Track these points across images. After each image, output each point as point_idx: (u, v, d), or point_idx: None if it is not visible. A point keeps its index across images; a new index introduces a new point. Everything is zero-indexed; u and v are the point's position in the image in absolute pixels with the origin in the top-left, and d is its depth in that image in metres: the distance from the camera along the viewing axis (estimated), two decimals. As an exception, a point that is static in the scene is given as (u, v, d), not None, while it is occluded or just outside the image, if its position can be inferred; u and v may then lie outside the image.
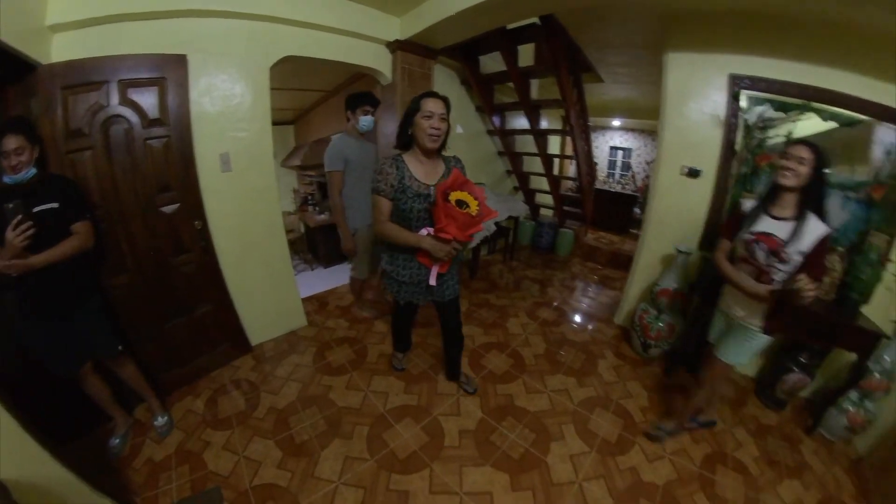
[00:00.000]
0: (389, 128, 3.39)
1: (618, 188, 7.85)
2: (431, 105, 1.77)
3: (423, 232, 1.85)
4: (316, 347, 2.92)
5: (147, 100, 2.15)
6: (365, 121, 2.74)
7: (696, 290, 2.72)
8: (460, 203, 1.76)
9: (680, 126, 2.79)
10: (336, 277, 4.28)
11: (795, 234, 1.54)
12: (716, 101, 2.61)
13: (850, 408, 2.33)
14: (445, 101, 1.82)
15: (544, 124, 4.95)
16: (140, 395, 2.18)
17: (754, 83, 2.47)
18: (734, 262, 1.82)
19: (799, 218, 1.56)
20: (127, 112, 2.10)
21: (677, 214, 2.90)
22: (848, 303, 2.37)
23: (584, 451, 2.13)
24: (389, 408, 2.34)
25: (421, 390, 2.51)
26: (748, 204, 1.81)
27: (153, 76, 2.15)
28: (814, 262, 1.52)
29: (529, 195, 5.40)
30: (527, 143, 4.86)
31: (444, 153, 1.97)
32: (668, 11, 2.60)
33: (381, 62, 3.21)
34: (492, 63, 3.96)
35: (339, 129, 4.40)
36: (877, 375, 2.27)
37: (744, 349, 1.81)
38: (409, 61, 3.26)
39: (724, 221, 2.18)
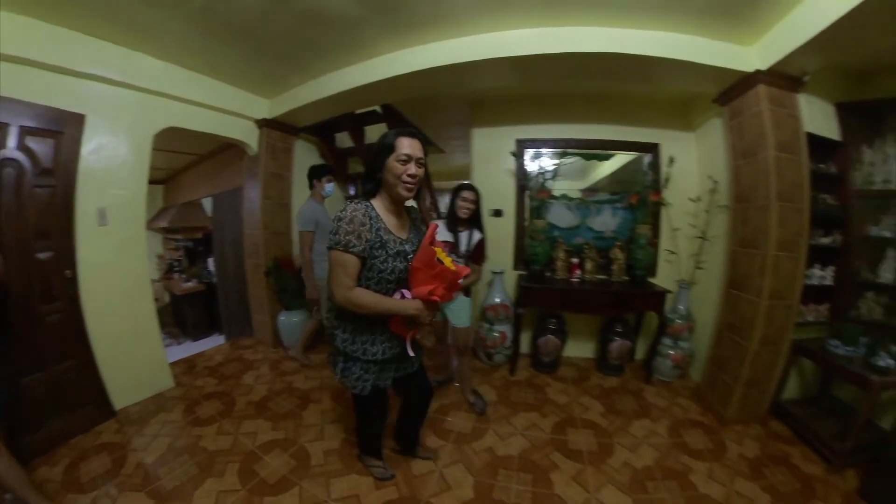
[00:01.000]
0: (253, 194, 3.72)
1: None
2: (409, 146, 1.49)
3: (397, 296, 1.57)
4: (185, 405, 2.79)
5: (43, 149, 2.28)
6: (329, 187, 3.25)
7: (523, 303, 3.28)
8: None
9: (485, 180, 3.59)
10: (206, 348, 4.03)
11: (468, 239, 2.54)
12: (508, 159, 3.56)
13: (671, 351, 3.12)
14: (423, 141, 1.58)
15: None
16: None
17: (534, 143, 3.54)
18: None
19: (469, 231, 2.57)
20: (21, 157, 2.20)
21: (493, 245, 3.35)
22: (637, 278, 3.22)
23: (441, 444, 2.37)
24: (258, 444, 2.35)
25: (287, 426, 2.54)
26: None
27: (53, 128, 2.31)
28: (478, 252, 2.57)
29: None
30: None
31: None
32: (473, 98, 3.60)
33: (249, 136, 3.63)
34: (348, 139, 4.45)
35: (210, 193, 4.53)
36: (678, 321, 3.10)
37: (464, 312, 2.57)
38: (273, 137, 3.71)
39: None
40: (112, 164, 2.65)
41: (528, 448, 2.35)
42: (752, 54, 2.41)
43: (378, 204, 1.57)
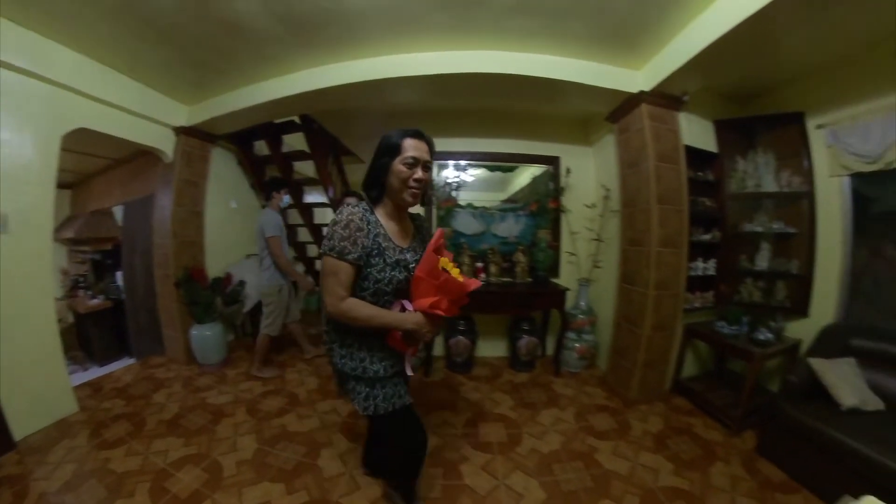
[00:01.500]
0: (165, 202, 3.60)
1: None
2: (415, 148, 1.37)
3: (396, 308, 1.44)
4: (91, 429, 2.63)
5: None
6: (286, 199, 3.52)
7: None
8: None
9: None
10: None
11: None
12: None
13: (576, 344, 3.39)
14: (430, 143, 1.44)
15: (317, 198, 5.10)
16: None
17: (440, 155, 3.58)
18: None
19: None
20: None
21: None
22: (540, 279, 3.50)
23: (354, 447, 2.41)
24: (170, 461, 2.28)
25: (200, 441, 2.49)
26: None
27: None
28: None
29: (309, 264, 5.44)
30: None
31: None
32: (388, 111, 3.69)
33: (165, 143, 3.52)
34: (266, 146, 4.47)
35: (122, 201, 4.37)
36: (580, 316, 3.40)
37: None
38: (190, 144, 3.65)
39: None
40: (15, 163, 2.42)
41: (441, 445, 2.44)
42: (638, 77, 2.74)
43: (378, 208, 1.46)
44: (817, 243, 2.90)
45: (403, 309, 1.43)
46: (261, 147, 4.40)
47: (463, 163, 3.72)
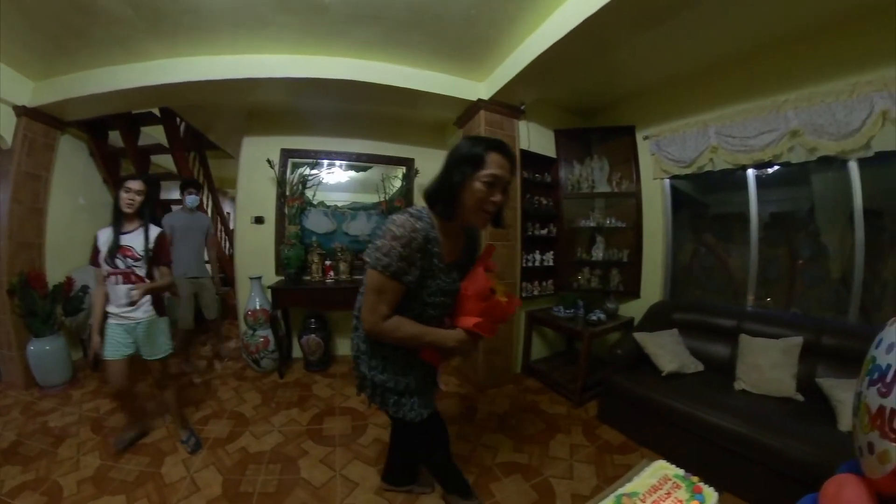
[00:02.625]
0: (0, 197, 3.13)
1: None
2: (499, 165, 1.18)
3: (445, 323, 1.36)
4: None
5: None
6: (189, 199, 3.38)
7: (277, 305, 3.35)
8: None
9: (249, 187, 3.69)
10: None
11: (144, 238, 2.12)
12: (274, 167, 3.58)
13: None
14: (513, 160, 1.24)
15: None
16: None
17: (296, 153, 3.72)
18: (107, 279, 2.08)
19: (143, 228, 2.14)
20: None
21: (254, 252, 3.66)
22: None
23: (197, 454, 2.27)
24: (6, 490, 1.97)
25: (39, 466, 2.16)
26: (103, 235, 2.11)
27: None
28: (160, 251, 2.18)
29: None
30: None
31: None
32: (250, 108, 3.62)
33: (3, 124, 3.01)
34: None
35: None
36: None
37: (162, 337, 2.24)
38: (33, 129, 3.18)
39: (91, 254, 2.22)
40: None
41: (282, 441, 2.38)
42: (481, 88, 3.03)
43: (438, 222, 1.26)
44: (644, 235, 3.35)
45: (443, 324, 1.34)
46: (117, 138, 4.02)
47: (319, 161, 3.75)
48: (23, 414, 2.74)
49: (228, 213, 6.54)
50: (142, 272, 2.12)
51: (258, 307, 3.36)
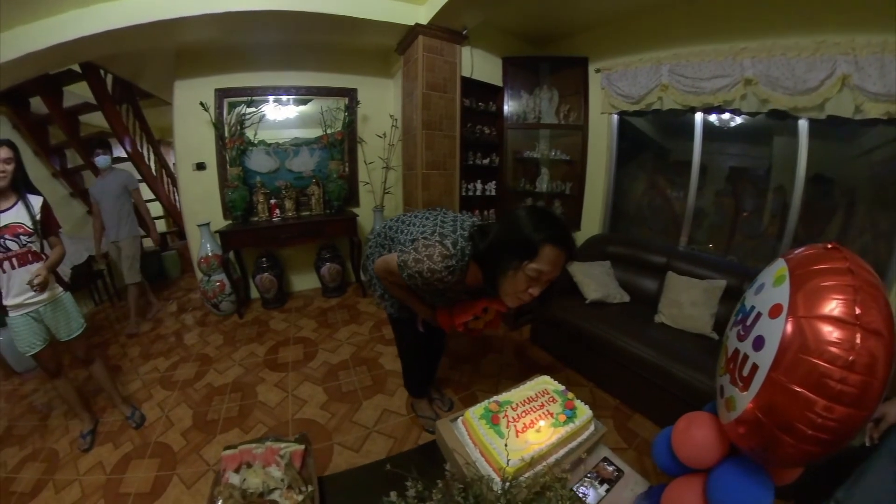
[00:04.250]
0: None
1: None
2: (552, 264, 1.11)
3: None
4: None
5: None
6: (99, 160, 3.14)
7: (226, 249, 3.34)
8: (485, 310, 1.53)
9: (186, 134, 3.46)
10: None
11: (27, 210, 1.82)
12: (208, 110, 3.33)
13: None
14: (572, 253, 1.17)
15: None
16: None
17: (232, 92, 3.45)
18: None
19: (21, 199, 1.83)
20: None
21: (200, 199, 3.56)
22: (335, 209, 3.65)
23: (167, 396, 2.43)
24: (10, 469, 2.04)
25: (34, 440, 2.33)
26: None
27: None
28: (48, 220, 1.92)
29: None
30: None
31: None
32: (179, 49, 3.24)
33: None
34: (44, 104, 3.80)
35: None
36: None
37: (73, 313, 2.00)
38: None
39: None
40: None
41: (243, 373, 2.59)
42: (420, 12, 2.85)
43: (474, 268, 1.29)
44: (588, 170, 3.43)
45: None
46: (39, 105, 3.67)
47: (256, 99, 3.52)
48: (8, 402, 2.76)
49: (173, 164, 6.28)
50: (37, 248, 1.86)
51: (210, 253, 3.38)
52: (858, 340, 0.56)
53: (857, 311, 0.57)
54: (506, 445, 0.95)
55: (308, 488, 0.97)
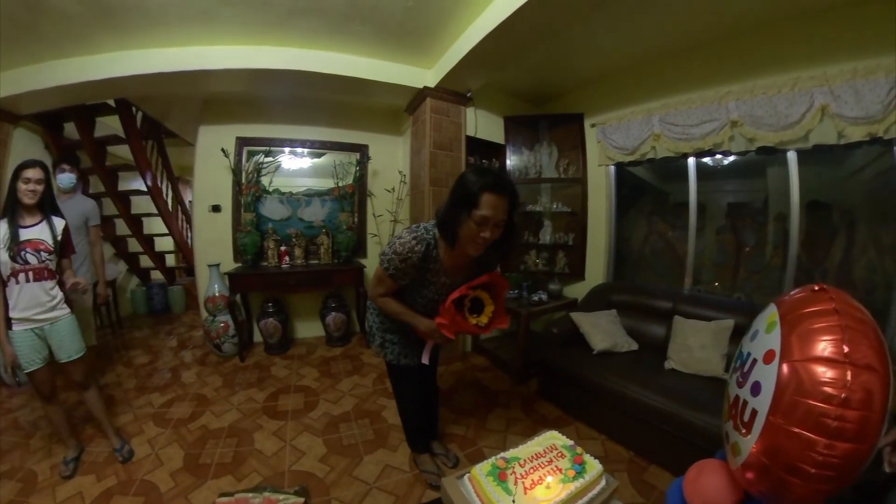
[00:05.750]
0: None
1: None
2: (491, 207, 1.32)
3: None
4: None
5: None
6: (63, 179, 2.66)
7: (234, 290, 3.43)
8: (476, 301, 1.58)
9: (206, 176, 3.71)
10: None
11: (50, 229, 1.92)
12: (228, 156, 3.58)
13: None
14: (512, 195, 1.39)
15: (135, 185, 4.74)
16: None
17: (251, 141, 3.73)
18: (9, 279, 1.82)
19: (46, 219, 1.94)
20: None
21: (212, 240, 3.73)
22: (342, 259, 3.77)
23: (160, 433, 2.38)
24: None
25: (13, 458, 2.24)
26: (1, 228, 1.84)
27: None
28: (67, 242, 2.01)
29: (131, 259, 5.13)
30: (141, 206, 4.80)
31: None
32: (205, 98, 3.60)
33: None
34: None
35: None
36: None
37: (76, 336, 2.02)
38: None
39: None
40: None
41: (240, 418, 2.52)
42: (428, 75, 3.13)
43: (443, 243, 1.49)
44: (589, 220, 3.53)
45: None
46: (72, 130, 3.96)
47: (274, 149, 3.75)
48: None
49: (190, 202, 6.56)
50: (53, 266, 1.93)
51: (217, 293, 3.44)
52: (849, 377, 0.58)
53: (846, 349, 0.60)
54: (513, 503, 0.94)
55: (307, 540, 0.94)
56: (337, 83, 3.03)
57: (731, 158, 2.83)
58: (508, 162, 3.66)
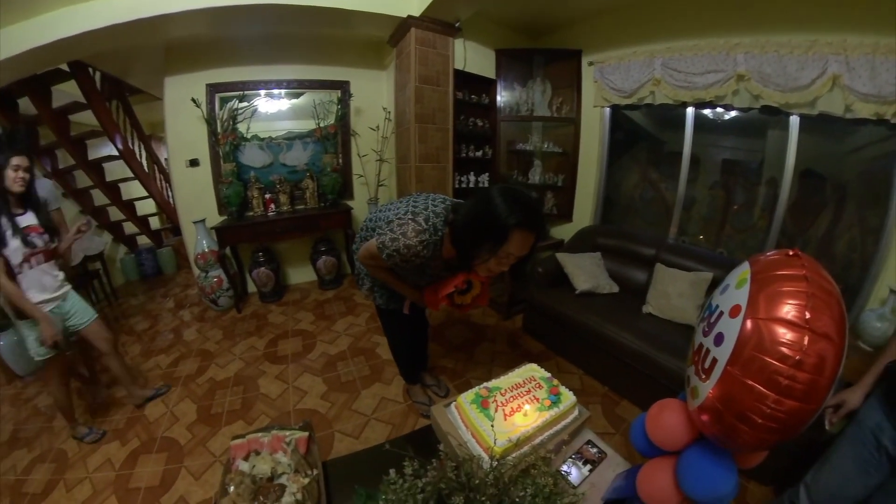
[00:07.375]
0: None
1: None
2: (521, 246, 1.21)
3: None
4: None
5: None
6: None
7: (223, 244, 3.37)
8: (467, 283, 1.58)
9: (179, 130, 3.42)
10: None
11: (37, 216, 1.90)
12: (200, 106, 3.30)
13: None
14: (541, 230, 1.25)
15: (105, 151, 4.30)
16: None
17: (223, 87, 3.42)
18: (21, 266, 1.84)
19: (31, 206, 1.90)
20: None
21: (194, 196, 3.56)
22: (329, 202, 3.69)
23: (171, 391, 2.49)
24: (20, 471, 2.09)
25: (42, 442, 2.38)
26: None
27: None
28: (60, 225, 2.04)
29: (115, 228, 4.89)
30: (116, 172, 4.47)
31: None
32: (169, 44, 3.19)
33: None
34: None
35: None
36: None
37: (85, 304, 2.12)
38: None
39: None
40: None
41: (243, 367, 2.66)
42: (413, 3, 2.83)
43: (448, 240, 1.40)
44: (580, 162, 3.48)
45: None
46: (27, 106, 3.58)
47: (248, 93, 3.48)
48: (13, 406, 2.78)
49: (166, 159, 6.23)
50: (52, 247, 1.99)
51: (206, 249, 3.40)
52: (806, 342, 0.62)
53: (808, 315, 0.63)
54: (493, 427, 1.03)
55: (313, 472, 1.05)
56: (312, 15, 2.73)
57: (733, 114, 2.72)
58: (499, 98, 3.49)
